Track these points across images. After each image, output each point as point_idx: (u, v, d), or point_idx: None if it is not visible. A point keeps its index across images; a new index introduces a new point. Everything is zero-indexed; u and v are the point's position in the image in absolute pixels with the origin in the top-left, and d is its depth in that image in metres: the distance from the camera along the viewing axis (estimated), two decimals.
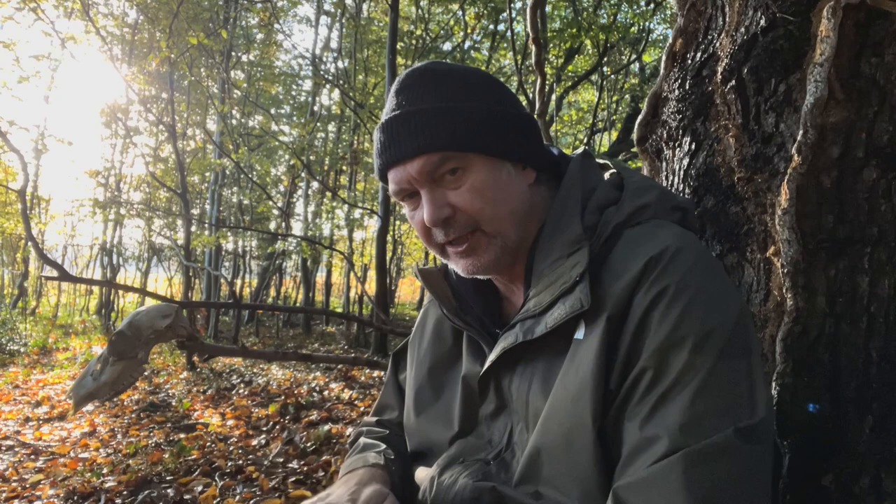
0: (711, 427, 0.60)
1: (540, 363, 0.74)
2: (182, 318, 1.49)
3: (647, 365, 0.65)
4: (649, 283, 0.67)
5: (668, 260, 0.68)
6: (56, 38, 7.99)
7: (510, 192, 0.77)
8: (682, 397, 0.62)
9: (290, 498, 3.10)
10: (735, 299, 0.69)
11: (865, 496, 0.80)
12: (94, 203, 10.49)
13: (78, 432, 4.60)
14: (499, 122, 0.77)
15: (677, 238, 0.71)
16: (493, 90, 0.80)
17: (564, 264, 0.73)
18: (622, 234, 0.74)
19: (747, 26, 0.97)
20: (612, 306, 0.68)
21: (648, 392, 0.64)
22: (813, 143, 0.85)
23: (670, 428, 0.61)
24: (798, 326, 0.87)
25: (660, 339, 0.65)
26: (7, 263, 16.97)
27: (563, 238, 0.75)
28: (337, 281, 18.62)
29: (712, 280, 0.68)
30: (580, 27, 6.78)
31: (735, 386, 0.63)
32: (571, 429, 0.67)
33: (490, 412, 0.81)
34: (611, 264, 0.72)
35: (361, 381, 6.62)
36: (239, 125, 12.14)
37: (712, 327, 0.64)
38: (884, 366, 0.81)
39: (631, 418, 0.65)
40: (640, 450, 0.62)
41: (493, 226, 0.77)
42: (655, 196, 0.79)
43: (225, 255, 14.18)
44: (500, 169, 0.77)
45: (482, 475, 0.75)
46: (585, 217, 0.76)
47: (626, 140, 8.11)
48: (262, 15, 10.03)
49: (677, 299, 0.65)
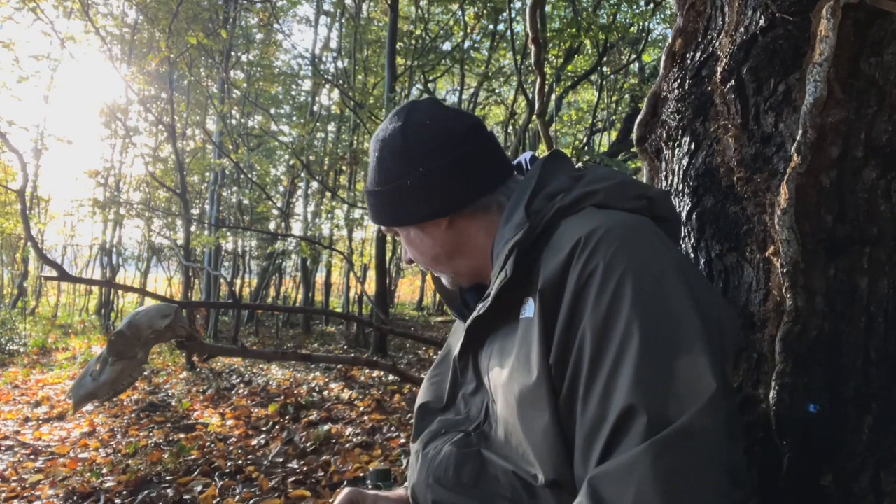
0: (659, 399, 0.61)
1: (498, 338, 0.81)
2: (182, 318, 1.49)
3: (584, 344, 0.67)
4: (582, 263, 0.69)
5: (597, 239, 0.70)
6: (56, 38, 7.99)
7: (425, 246, 0.91)
8: (625, 370, 0.63)
9: (289, 498, 3.10)
10: (668, 270, 0.69)
11: (865, 496, 0.80)
12: (93, 203, 10.49)
13: (77, 432, 4.60)
14: (406, 197, 0.87)
15: (609, 219, 0.73)
16: (433, 148, 0.86)
17: (508, 246, 0.78)
18: (565, 219, 0.78)
19: (747, 26, 0.97)
20: (546, 284, 0.72)
21: (593, 370, 0.66)
22: (812, 143, 0.85)
23: (618, 402, 0.62)
24: (797, 326, 0.87)
25: (596, 318, 0.67)
26: (7, 263, 16.96)
27: (510, 224, 0.81)
28: (336, 281, 18.61)
29: (641, 255, 0.69)
30: (580, 27, 6.78)
31: (677, 357, 0.63)
32: (520, 399, 0.72)
33: (470, 391, 0.88)
34: (550, 246, 0.76)
35: (361, 381, 6.62)
36: (238, 125, 12.13)
37: (643, 303, 0.65)
38: (883, 366, 0.81)
39: (583, 399, 0.66)
40: (593, 430, 0.64)
41: (438, 271, 0.94)
42: (609, 185, 0.80)
43: (224, 255, 14.18)
44: (435, 229, 0.89)
45: (465, 444, 0.81)
46: (534, 203, 0.81)
47: (626, 140, 8.12)
48: (262, 15, 10.03)
49: (608, 277, 0.67)
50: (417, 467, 0.86)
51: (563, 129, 12.05)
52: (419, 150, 0.87)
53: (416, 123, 0.88)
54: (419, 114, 0.89)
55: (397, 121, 0.89)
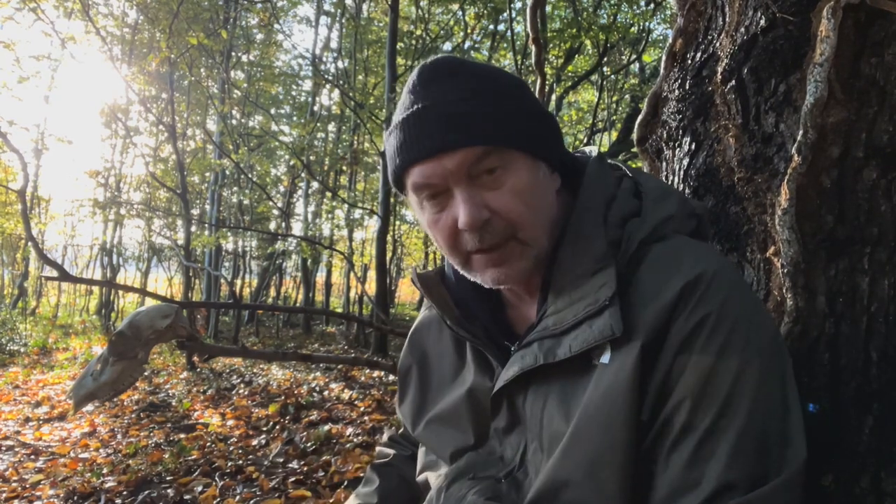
0: (755, 472, 0.60)
1: (556, 383, 0.71)
2: (182, 319, 1.49)
3: (686, 396, 0.63)
4: (688, 312, 0.64)
5: (705, 286, 0.65)
6: (56, 39, 7.99)
7: (547, 198, 0.74)
8: (727, 436, 0.61)
9: (290, 498, 3.10)
10: (769, 324, 0.68)
11: (865, 496, 0.80)
12: (93, 203, 10.50)
13: (78, 432, 4.60)
14: (535, 121, 0.73)
15: (709, 261, 0.68)
16: (523, 88, 0.76)
17: (589, 283, 0.69)
18: (649, 252, 0.71)
19: (747, 26, 0.97)
20: (646, 333, 0.65)
21: (690, 427, 0.62)
22: (813, 144, 0.85)
23: (715, 471, 0.60)
24: (798, 326, 0.87)
25: (701, 370, 0.63)
26: (7, 263, 16.97)
27: (588, 253, 0.71)
28: (337, 281, 18.61)
29: (749, 304, 0.67)
30: (580, 27, 6.78)
31: (776, 420, 0.62)
32: (598, 458, 0.64)
33: (503, 427, 0.77)
34: (639, 286, 0.69)
35: (361, 381, 6.62)
36: (239, 125, 12.13)
37: (752, 358, 0.63)
38: (884, 366, 0.81)
39: (670, 454, 0.63)
40: (682, 491, 0.61)
41: (529, 233, 0.71)
42: (675, 205, 0.76)
43: (225, 255, 14.18)
44: (538, 171, 0.72)
45: (492, 494, 0.72)
46: (608, 231, 0.72)
47: (626, 140, 8.11)
48: (262, 15, 10.03)
49: (718, 329, 0.63)
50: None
51: (563, 129, 12.04)
52: (524, 86, 0.77)
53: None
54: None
55: (493, 67, 0.79)
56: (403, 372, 0.94)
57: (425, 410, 0.89)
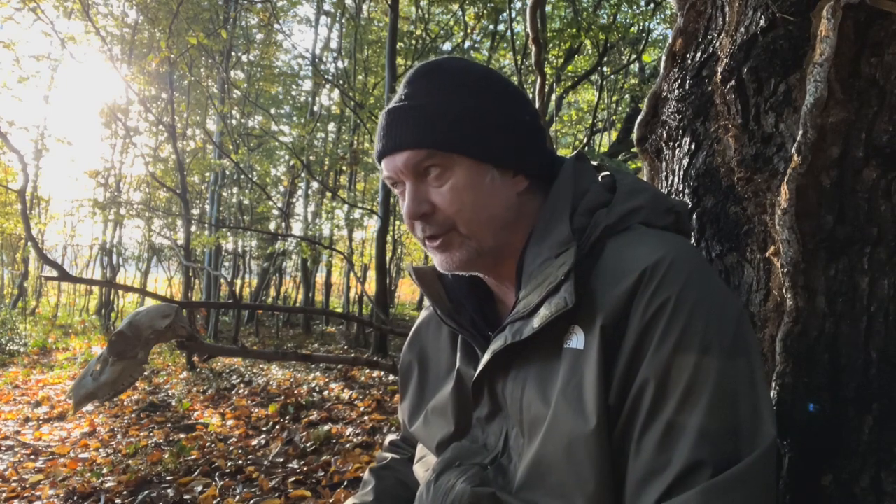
0: (725, 451, 0.61)
1: (532, 367, 0.74)
2: (182, 318, 1.48)
3: (649, 379, 0.65)
4: (648, 296, 0.66)
5: (664, 271, 0.67)
6: (56, 39, 7.99)
7: (491, 198, 0.77)
8: (693, 419, 0.62)
9: (289, 498, 3.10)
10: (733, 305, 0.69)
11: (865, 496, 0.80)
12: (93, 203, 10.49)
13: (78, 432, 4.60)
14: (489, 126, 0.77)
15: (671, 246, 0.70)
16: (495, 91, 0.79)
17: (552, 265, 0.72)
18: (613, 240, 0.74)
19: (747, 26, 0.97)
20: (606, 316, 0.67)
21: (656, 411, 0.64)
22: (813, 143, 0.85)
23: (683, 452, 0.61)
24: (798, 326, 0.87)
25: (664, 354, 0.64)
26: (7, 263, 16.96)
27: (552, 239, 0.75)
28: (337, 281, 18.61)
29: (710, 289, 0.68)
30: (580, 27, 6.78)
31: (744, 398, 0.63)
32: (573, 442, 0.66)
33: (484, 415, 0.80)
34: (601, 270, 0.71)
35: (361, 381, 6.62)
36: (239, 125, 12.13)
37: (714, 340, 0.64)
38: (884, 366, 0.81)
39: (641, 439, 0.65)
40: (655, 474, 0.63)
41: (468, 228, 0.77)
42: (647, 198, 0.78)
43: (225, 255, 14.18)
44: (483, 173, 0.76)
45: (480, 481, 0.75)
46: (575, 219, 0.76)
47: (626, 140, 8.11)
48: (262, 15, 10.03)
49: (678, 312, 0.65)
50: (429, 501, 0.79)
51: (563, 129, 12.06)
52: (524, 99, 0.82)
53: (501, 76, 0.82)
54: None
55: (481, 68, 0.82)
56: (404, 369, 0.97)
57: (422, 406, 0.91)
